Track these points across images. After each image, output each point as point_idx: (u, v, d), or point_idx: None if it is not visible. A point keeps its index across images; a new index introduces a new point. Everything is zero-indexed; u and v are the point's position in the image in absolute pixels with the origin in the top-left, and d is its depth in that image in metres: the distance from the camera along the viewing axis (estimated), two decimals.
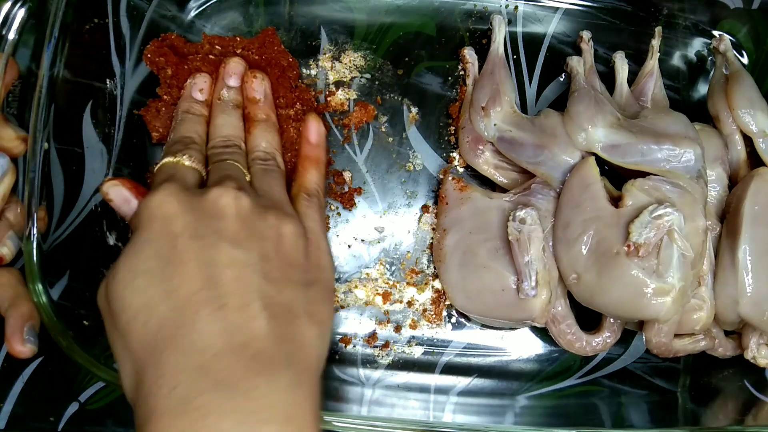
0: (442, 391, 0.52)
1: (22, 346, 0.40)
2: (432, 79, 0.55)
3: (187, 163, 0.42)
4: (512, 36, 0.56)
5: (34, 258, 0.40)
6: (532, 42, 0.56)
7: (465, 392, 0.52)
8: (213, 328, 0.33)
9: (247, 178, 0.43)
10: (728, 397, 0.52)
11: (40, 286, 0.40)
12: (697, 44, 0.58)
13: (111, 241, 0.49)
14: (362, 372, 0.52)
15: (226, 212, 0.37)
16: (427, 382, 0.52)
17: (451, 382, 0.52)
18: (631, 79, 0.54)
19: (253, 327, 0.34)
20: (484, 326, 0.52)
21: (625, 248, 0.43)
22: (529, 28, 0.56)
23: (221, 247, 0.36)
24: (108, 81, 0.50)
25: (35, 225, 0.41)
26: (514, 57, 0.56)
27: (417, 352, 0.52)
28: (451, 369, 0.52)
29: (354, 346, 0.52)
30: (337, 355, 0.52)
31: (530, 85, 0.56)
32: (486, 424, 0.50)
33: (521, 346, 0.53)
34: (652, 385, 0.53)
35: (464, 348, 0.53)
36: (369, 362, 0.52)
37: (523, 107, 0.55)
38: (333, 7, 0.55)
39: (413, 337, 0.52)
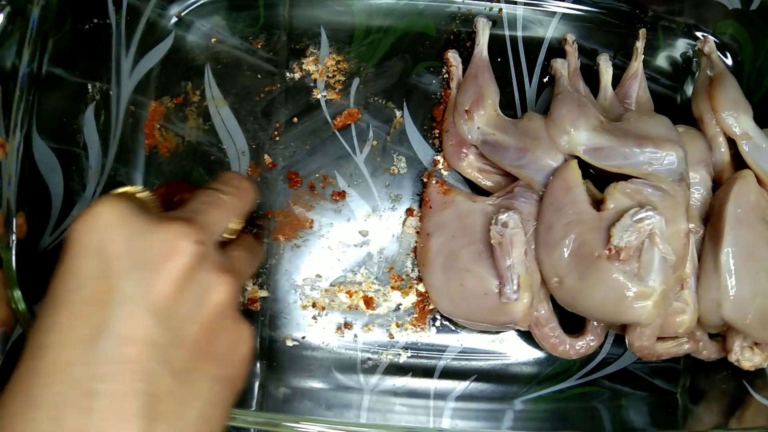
0: (440, 395, 0.52)
1: None
2: (417, 82, 0.55)
3: (142, 193, 0.35)
4: (512, 38, 0.56)
5: (13, 265, 0.40)
6: (532, 43, 0.56)
7: (463, 396, 0.52)
8: (73, 419, 0.27)
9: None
10: (728, 398, 0.52)
11: (18, 293, 0.40)
12: (686, 46, 0.58)
13: None
14: (361, 378, 0.52)
15: (176, 258, 0.31)
16: (425, 386, 0.52)
17: (449, 386, 0.52)
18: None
19: (121, 430, 0.28)
20: (467, 329, 0.52)
21: (607, 252, 0.43)
22: (529, 30, 0.56)
23: (139, 309, 0.29)
24: (106, 81, 0.50)
25: (14, 232, 0.40)
26: (514, 58, 0.56)
27: (416, 357, 0.52)
28: (449, 373, 0.52)
29: (350, 351, 0.52)
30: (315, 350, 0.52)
31: (530, 86, 0.56)
32: (485, 428, 0.50)
33: (520, 349, 0.53)
34: (652, 386, 0.53)
35: (461, 351, 0.52)
36: (367, 368, 0.52)
37: (523, 108, 0.55)
38: (324, 11, 0.55)
39: (412, 342, 0.52)
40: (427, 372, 0.52)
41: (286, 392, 0.51)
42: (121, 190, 0.35)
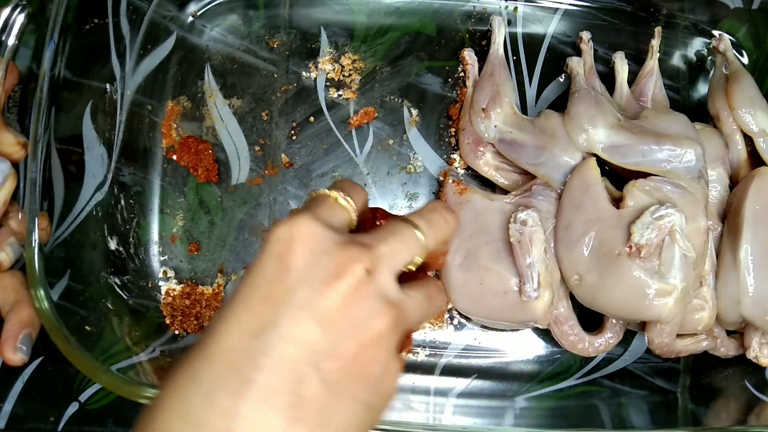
0: (441, 392, 0.52)
1: (14, 354, 0.39)
2: (432, 81, 0.55)
3: (342, 201, 0.36)
4: (512, 37, 0.56)
5: (36, 264, 0.40)
6: (532, 42, 0.56)
7: (464, 394, 0.52)
8: (224, 400, 0.29)
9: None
10: (728, 397, 0.52)
11: (41, 292, 0.40)
12: (697, 44, 0.58)
13: (112, 245, 0.49)
14: None
15: (347, 278, 0.32)
16: (426, 383, 0.52)
17: (450, 383, 0.52)
18: (631, 79, 0.54)
19: (266, 423, 0.29)
20: (484, 327, 0.52)
21: (627, 249, 0.43)
22: (529, 28, 0.56)
23: (305, 314, 0.31)
24: (108, 81, 0.50)
25: (36, 231, 0.40)
26: (514, 58, 0.56)
27: (417, 353, 0.52)
28: (450, 370, 0.52)
29: None
30: None
31: (530, 86, 0.56)
32: (486, 426, 0.50)
33: (521, 347, 0.53)
34: (652, 385, 0.53)
35: (463, 349, 0.53)
36: None
37: (523, 108, 0.55)
38: (333, 9, 0.56)
39: (414, 339, 0.52)
40: (428, 369, 0.52)
41: None
42: (321, 192, 0.36)
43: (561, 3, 0.57)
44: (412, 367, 0.52)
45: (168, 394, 0.30)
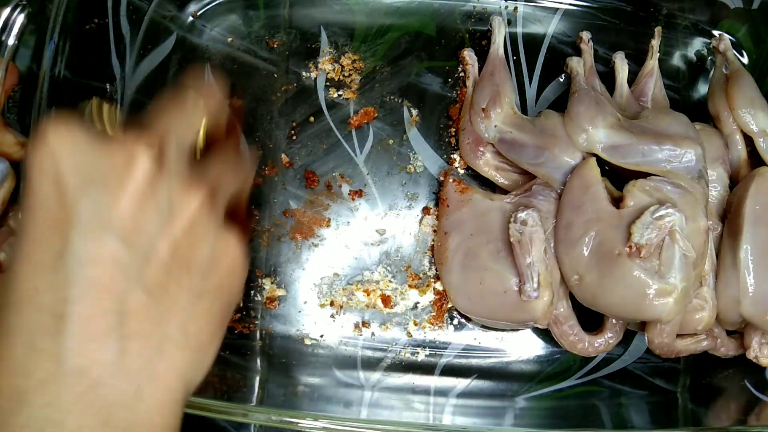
0: (441, 392, 0.52)
1: None
2: (432, 81, 0.55)
3: (105, 105, 0.33)
4: (512, 36, 0.56)
5: None
6: (532, 42, 0.56)
7: (464, 394, 0.52)
8: (46, 342, 0.27)
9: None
10: (728, 397, 0.52)
11: None
12: (697, 44, 0.58)
13: None
14: (362, 374, 0.52)
15: (135, 176, 0.29)
16: (426, 383, 0.52)
17: (450, 383, 0.52)
18: (631, 79, 0.54)
19: (96, 350, 0.28)
20: (484, 327, 0.52)
21: (627, 249, 0.43)
22: (529, 28, 0.56)
23: (99, 230, 0.28)
24: (108, 81, 0.50)
25: None
26: (514, 58, 0.56)
27: (417, 354, 0.52)
28: (450, 371, 0.52)
29: (355, 348, 0.52)
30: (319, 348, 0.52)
31: (530, 86, 0.56)
32: (486, 426, 0.50)
33: (521, 347, 0.53)
34: (652, 385, 0.53)
35: (463, 349, 0.53)
36: (369, 364, 0.52)
37: (523, 108, 0.55)
38: (333, 9, 0.56)
39: (414, 339, 0.52)
40: (428, 369, 0.52)
41: (286, 388, 0.51)
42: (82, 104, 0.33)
43: (561, 3, 0.57)
44: (412, 367, 0.52)
45: None
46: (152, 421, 0.29)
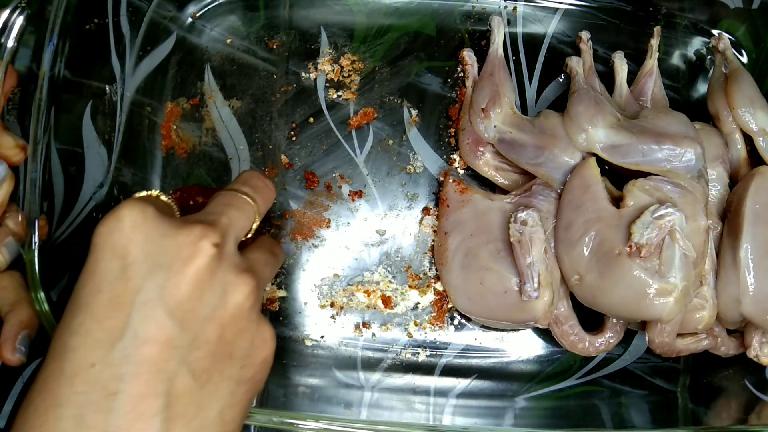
0: (441, 393, 0.52)
1: (12, 355, 0.39)
2: (432, 81, 0.55)
3: (163, 197, 0.36)
4: (512, 36, 0.56)
5: (36, 266, 0.40)
6: (532, 42, 0.56)
7: (464, 394, 0.52)
8: (95, 419, 0.28)
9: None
10: (728, 396, 0.52)
11: (41, 294, 0.40)
12: (697, 43, 0.58)
13: None
14: (362, 375, 0.52)
15: (197, 260, 0.31)
16: (426, 384, 0.52)
17: (450, 383, 0.52)
18: (631, 79, 0.54)
19: (142, 430, 0.28)
20: (484, 327, 0.52)
21: (627, 249, 0.43)
22: (529, 28, 0.56)
23: (157, 311, 0.29)
24: (108, 82, 0.50)
25: (36, 233, 0.40)
26: (514, 58, 0.56)
27: (417, 354, 0.52)
28: (450, 371, 0.52)
29: (355, 349, 0.52)
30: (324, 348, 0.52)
31: (530, 86, 0.56)
32: (486, 426, 0.50)
33: (521, 347, 0.53)
34: (652, 385, 0.53)
35: (463, 349, 0.53)
36: (369, 365, 0.52)
37: (523, 108, 0.55)
38: (333, 9, 0.56)
39: (414, 339, 0.52)
40: (428, 369, 0.52)
41: (286, 389, 0.51)
42: (141, 194, 0.35)
43: (561, 3, 0.57)
44: (412, 368, 0.52)
45: (33, 423, 0.28)
46: None
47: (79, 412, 0.28)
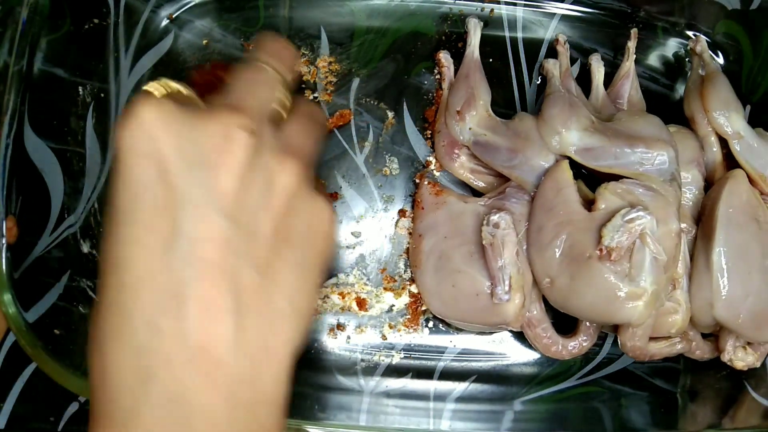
0: (440, 397, 0.51)
1: None
2: (408, 83, 0.55)
3: (185, 91, 0.32)
4: (512, 39, 0.56)
5: (3, 268, 0.40)
6: (532, 43, 0.56)
7: (463, 398, 0.52)
8: (167, 323, 0.27)
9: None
10: (729, 397, 0.52)
11: (8, 296, 0.40)
12: (675, 46, 0.58)
13: (85, 249, 0.49)
14: (361, 380, 0.51)
15: (236, 151, 0.29)
16: (424, 388, 0.52)
17: (448, 387, 0.52)
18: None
19: (216, 331, 0.28)
20: (458, 330, 0.52)
21: (598, 252, 0.43)
22: (530, 31, 0.57)
23: (206, 210, 0.28)
24: (105, 81, 0.50)
25: (4, 235, 0.40)
26: (515, 59, 0.56)
27: (399, 357, 0.52)
28: (448, 374, 0.52)
29: (331, 352, 0.52)
30: (312, 351, 0.52)
31: (530, 86, 0.56)
32: (486, 429, 0.49)
33: (520, 349, 0.53)
34: (652, 385, 0.53)
35: (460, 353, 0.52)
36: (344, 369, 0.52)
37: (523, 108, 0.55)
38: (307, 14, 0.55)
39: (404, 342, 0.52)
40: (426, 373, 0.52)
41: None
42: (152, 84, 0.31)
43: (559, 7, 0.57)
44: (409, 372, 0.52)
45: (109, 338, 0.28)
46: (271, 395, 0.30)
47: (151, 319, 0.27)
